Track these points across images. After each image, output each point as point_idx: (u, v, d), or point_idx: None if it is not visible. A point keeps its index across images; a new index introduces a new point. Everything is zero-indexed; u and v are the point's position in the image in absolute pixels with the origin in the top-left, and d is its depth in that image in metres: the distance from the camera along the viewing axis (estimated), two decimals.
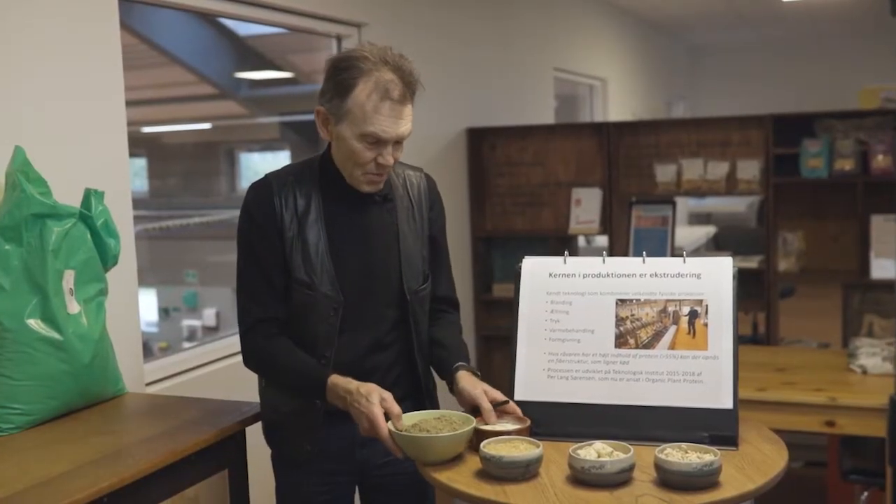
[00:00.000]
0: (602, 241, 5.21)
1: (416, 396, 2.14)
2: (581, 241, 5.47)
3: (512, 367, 2.03)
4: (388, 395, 1.89)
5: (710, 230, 7.73)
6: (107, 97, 2.60)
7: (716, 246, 7.25)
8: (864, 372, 3.37)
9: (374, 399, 1.86)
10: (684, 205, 8.75)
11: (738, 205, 9.31)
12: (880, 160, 4.21)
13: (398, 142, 1.99)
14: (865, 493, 3.35)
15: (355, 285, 2.06)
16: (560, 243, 4.92)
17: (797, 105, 5.17)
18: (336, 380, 1.95)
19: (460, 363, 2.07)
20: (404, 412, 1.90)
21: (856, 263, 4.39)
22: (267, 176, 2.09)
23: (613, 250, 4.71)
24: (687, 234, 7.26)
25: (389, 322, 2.10)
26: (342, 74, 1.95)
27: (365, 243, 2.08)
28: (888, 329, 4.36)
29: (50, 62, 2.40)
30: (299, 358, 2.02)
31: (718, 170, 4.52)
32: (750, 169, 4.46)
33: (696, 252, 6.59)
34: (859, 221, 4.31)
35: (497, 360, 4.93)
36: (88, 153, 2.52)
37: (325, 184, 2.07)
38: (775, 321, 4.48)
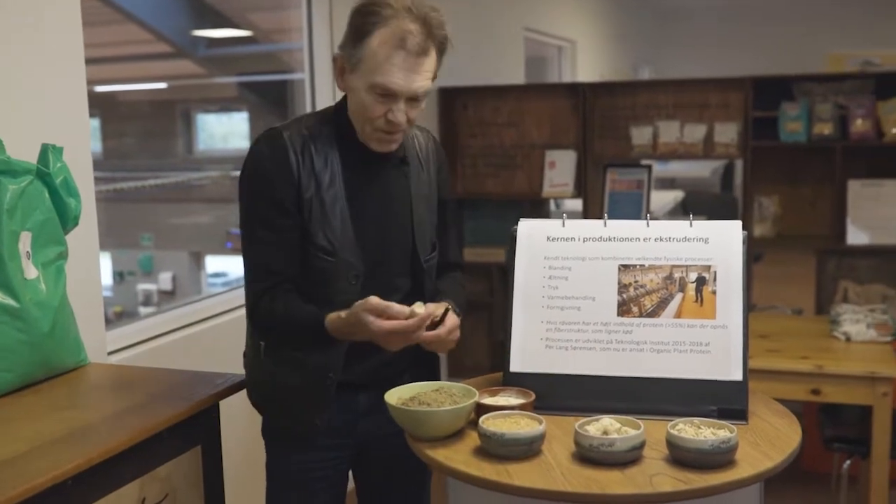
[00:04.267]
0: (573, 204, 5.09)
1: (415, 369, 2.02)
2: (551, 204, 5.33)
3: (507, 336, 1.90)
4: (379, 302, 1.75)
5: (677, 195, 7.68)
6: (64, 50, 2.40)
7: (683, 211, 7.20)
8: (848, 339, 3.32)
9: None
10: None
11: (702, 170, 9.25)
12: (859, 125, 4.13)
13: (413, 99, 1.85)
14: (848, 462, 3.30)
15: (372, 253, 1.93)
16: (534, 207, 4.79)
17: (764, 71, 5.05)
18: (331, 317, 1.82)
19: (448, 301, 1.95)
20: (402, 385, 1.80)
21: (831, 229, 4.33)
22: (276, 129, 1.91)
23: (587, 214, 4.59)
24: (656, 198, 7.17)
25: (401, 293, 1.97)
26: (360, 20, 1.82)
27: (383, 208, 1.95)
28: (863, 295, 4.33)
29: (2, 9, 2.21)
30: (303, 306, 1.88)
31: (696, 133, 4.42)
32: (728, 132, 4.37)
33: (666, 217, 6.51)
34: (836, 187, 4.24)
35: (469, 324, 4.78)
36: (44, 107, 2.33)
37: (343, 142, 1.92)
38: (750, 287, 4.42)
